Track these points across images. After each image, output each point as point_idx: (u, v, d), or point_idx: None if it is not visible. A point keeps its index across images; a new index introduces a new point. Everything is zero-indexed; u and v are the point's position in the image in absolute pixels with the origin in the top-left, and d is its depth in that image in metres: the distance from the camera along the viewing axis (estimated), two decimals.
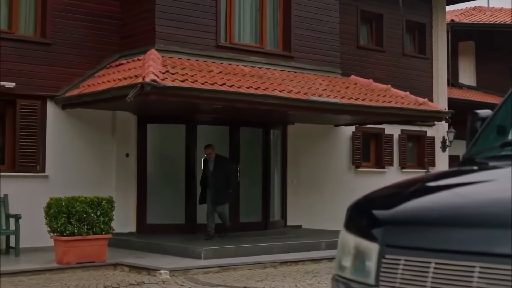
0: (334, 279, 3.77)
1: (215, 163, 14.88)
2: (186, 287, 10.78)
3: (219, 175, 14.77)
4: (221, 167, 14.85)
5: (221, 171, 14.81)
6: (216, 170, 14.83)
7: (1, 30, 14.64)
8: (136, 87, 12.51)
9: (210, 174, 14.89)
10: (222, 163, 14.96)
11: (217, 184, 14.78)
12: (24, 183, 14.56)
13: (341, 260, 3.72)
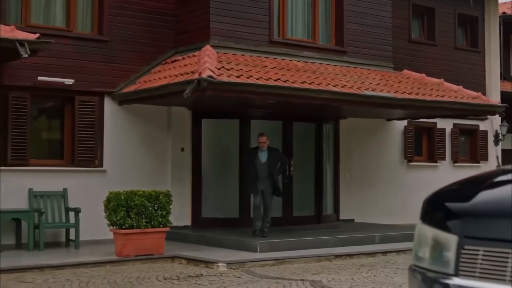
0: (411, 269, 3.89)
1: (268, 153, 14.42)
2: (244, 279, 10.94)
3: (273, 166, 14.38)
4: (274, 158, 14.46)
5: (274, 162, 14.44)
6: (269, 160, 14.36)
7: (60, 28, 14.98)
8: (193, 83, 12.72)
9: (261, 165, 14.35)
10: (275, 153, 14.60)
11: (270, 176, 14.33)
12: (83, 178, 14.89)
13: (418, 251, 3.84)
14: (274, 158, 14.47)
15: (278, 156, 14.70)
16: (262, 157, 14.38)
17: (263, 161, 14.35)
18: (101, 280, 10.79)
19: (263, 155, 14.39)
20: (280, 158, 14.74)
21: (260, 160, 14.37)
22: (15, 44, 11.89)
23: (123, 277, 11.02)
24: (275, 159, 14.50)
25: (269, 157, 14.39)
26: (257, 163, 14.36)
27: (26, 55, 11.91)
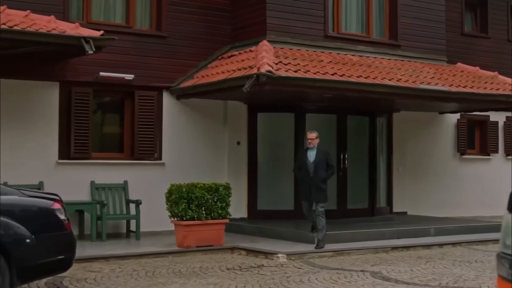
0: (499, 256, 4.08)
1: (317, 152, 13.37)
2: (304, 270, 11.17)
3: (321, 167, 13.25)
4: (323, 158, 13.33)
5: (323, 162, 13.31)
6: (317, 160, 13.27)
7: (120, 24, 15.34)
8: (251, 77, 12.98)
9: (309, 165, 13.31)
10: (324, 155, 13.39)
11: (318, 178, 13.18)
12: (142, 170, 15.25)
13: (505, 240, 4.03)
14: (323, 159, 13.33)
15: (328, 158, 13.46)
16: (310, 156, 13.37)
17: (311, 161, 13.33)
18: (166, 269, 11.12)
19: (311, 154, 13.39)
20: (329, 160, 13.49)
21: (308, 159, 13.38)
22: (80, 41, 12.27)
23: (186, 267, 11.33)
24: (324, 161, 13.34)
25: (316, 157, 13.30)
26: (306, 163, 13.37)
27: (91, 52, 12.28)
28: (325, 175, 13.25)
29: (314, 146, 13.38)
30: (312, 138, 13.43)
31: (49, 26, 12.46)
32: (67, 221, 8.31)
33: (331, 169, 13.43)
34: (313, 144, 13.39)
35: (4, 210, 7.72)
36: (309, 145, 13.42)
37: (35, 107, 14.23)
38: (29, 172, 13.87)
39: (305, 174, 13.32)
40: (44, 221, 8.06)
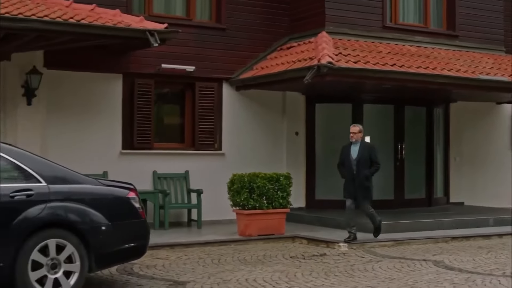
0: None
1: (360, 147, 12.65)
2: (367, 258, 11.33)
3: (364, 164, 12.55)
4: (366, 153, 12.59)
5: (366, 159, 12.57)
6: (360, 157, 12.55)
7: (180, 17, 15.61)
8: (312, 69, 13.16)
9: (352, 161, 12.63)
10: (368, 150, 12.68)
11: (362, 175, 12.54)
12: (203, 160, 15.52)
13: None
14: (367, 155, 12.57)
15: (372, 154, 12.66)
16: (353, 152, 12.66)
17: (354, 157, 12.60)
18: (231, 257, 11.37)
19: (354, 150, 12.67)
20: (373, 156, 12.65)
21: (351, 156, 12.66)
22: (145, 34, 12.55)
23: (251, 255, 11.57)
24: (367, 157, 12.58)
25: (360, 153, 12.57)
26: (349, 159, 12.67)
27: (156, 44, 12.55)
28: (369, 172, 12.55)
29: (357, 141, 12.66)
30: (355, 132, 12.70)
31: (114, 19, 12.76)
32: (141, 209, 8.59)
33: (375, 166, 12.60)
34: (355, 139, 12.67)
35: (84, 199, 8.03)
36: (352, 139, 12.68)
37: (100, 99, 14.58)
38: (93, 162, 14.21)
39: (348, 171, 12.65)
40: (120, 209, 8.34)
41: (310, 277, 9.56)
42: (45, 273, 7.69)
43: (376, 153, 12.73)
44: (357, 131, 12.66)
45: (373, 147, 12.87)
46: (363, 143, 12.74)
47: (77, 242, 7.86)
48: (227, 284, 9.03)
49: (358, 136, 12.64)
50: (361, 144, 12.65)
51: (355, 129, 12.71)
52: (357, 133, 12.65)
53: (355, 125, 12.87)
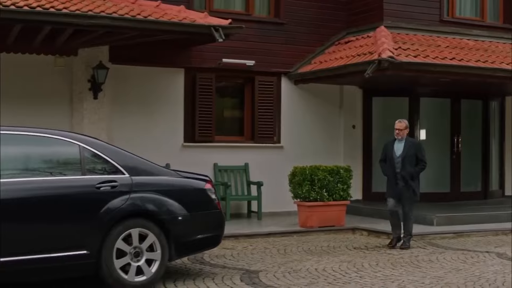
0: None
1: (405, 144, 11.66)
2: (429, 250, 11.51)
3: (409, 162, 11.59)
4: (412, 151, 11.62)
5: (412, 157, 11.60)
6: (405, 154, 11.58)
7: (240, 12, 15.89)
8: (373, 63, 13.35)
9: (395, 159, 11.68)
10: (414, 147, 11.73)
11: (407, 174, 11.58)
12: (262, 153, 15.80)
13: None
14: (412, 153, 11.63)
15: (418, 151, 11.70)
16: (397, 149, 11.71)
17: (398, 155, 11.67)
18: (295, 247, 11.65)
19: (399, 147, 11.71)
20: (419, 154, 11.68)
21: (395, 153, 11.73)
22: (210, 29, 12.82)
23: (315, 246, 11.83)
24: (413, 155, 11.63)
25: (405, 150, 11.62)
26: (392, 157, 11.74)
27: (221, 40, 12.83)
28: (414, 171, 11.59)
29: (403, 138, 11.71)
30: (400, 128, 11.73)
31: (179, 15, 13.07)
32: (217, 200, 8.89)
33: (421, 164, 11.63)
34: (401, 136, 11.71)
35: (164, 190, 8.36)
36: (397, 136, 11.71)
37: (162, 93, 14.93)
38: (156, 154, 14.45)
39: (391, 169, 11.73)
40: (198, 200, 8.65)
41: (378, 267, 9.79)
42: (129, 261, 8.04)
43: (423, 150, 11.78)
44: (403, 127, 11.72)
45: (419, 145, 12.00)
46: (408, 139, 11.82)
47: (158, 232, 8.19)
48: (298, 273, 9.30)
49: (404, 132, 11.71)
50: (406, 140, 11.71)
51: (401, 125, 11.74)
52: (403, 130, 11.72)
53: (401, 121, 11.83)
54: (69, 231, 7.73)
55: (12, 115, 13.07)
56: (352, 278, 9.00)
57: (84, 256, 7.75)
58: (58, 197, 7.71)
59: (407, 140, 11.76)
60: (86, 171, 8.05)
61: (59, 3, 12.30)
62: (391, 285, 8.59)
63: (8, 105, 13.28)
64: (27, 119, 12.92)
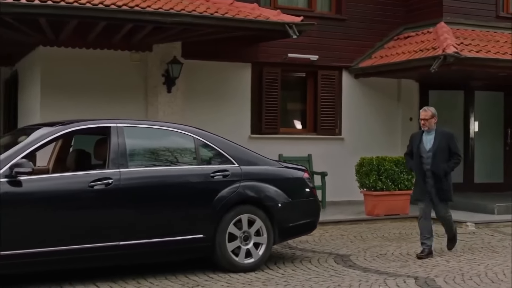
0: None
1: (436, 137, 10.05)
2: (498, 237, 12.09)
3: (442, 156, 9.98)
4: (444, 143, 10.01)
5: (444, 150, 10.00)
6: (437, 147, 9.99)
7: (303, 8, 16.50)
8: (438, 58, 13.93)
9: (426, 153, 10.05)
10: (446, 138, 10.07)
11: (440, 170, 9.99)
12: (324, 145, 16.42)
13: None
14: (444, 146, 10.01)
15: (451, 143, 10.09)
16: (426, 142, 10.10)
17: (428, 149, 10.06)
18: (370, 234, 12.29)
19: (428, 139, 10.11)
20: (453, 147, 10.08)
21: (424, 146, 10.10)
22: (284, 26, 13.44)
23: (388, 233, 12.46)
24: (446, 147, 10.02)
25: (435, 143, 10.02)
26: (420, 151, 10.11)
27: (295, 36, 13.46)
28: (448, 166, 10.03)
29: (431, 129, 10.12)
30: (426, 118, 10.11)
31: (254, 13, 13.69)
32: (314, 188, 9.53)
33: (455, 158, 10.05)
34: (427, 126, 10.11)
35: (268, 179, 9.03)
36: (423, 127, 10.13)
37: (230, 86, 15.59)
38: None
39: (419, 166, 10.11)
40: (298, 188, 9.32)
41: (458, 253, 10.39)
42: (239, 244, 8.71)
43: (457, 142, 10.29)
44: (429, 116, 10.09)
45: (452, 136, 10.20)
46: (439, 130, 10.15)
47: (264, 217, 8.86)
48: (385, 257, 9.93)
49: (431, 122, 10.09)
50: (436, 132, 10.09)
51: (426, 114, 10.11)
52: (429, 119, 10.09)
53: (426, 109, 10.24)
54: (188, 216, 8.41)
55: (93, 108, 13.85)
56: (439, 262, 9.61)
57: (201, 240, 8.43)
58: (179, 185, 8.40)
59: (437, 131, 10.10)
60: (201, 161, 8.73)
61: (141, 1, 12.99)
62: (477, 267, 9.19)
63: (88, 97, 14.03)
64: (105, 111, 13.72)
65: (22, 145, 7.77)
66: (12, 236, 7.35)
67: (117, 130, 8.22)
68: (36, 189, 7.57)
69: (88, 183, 7.80)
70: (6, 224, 7.31)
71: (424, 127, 10.13)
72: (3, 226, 7.29)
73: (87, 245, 7.76)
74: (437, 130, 10.15)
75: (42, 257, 7.54)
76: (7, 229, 7.32)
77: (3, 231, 7.27)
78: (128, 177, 8.03)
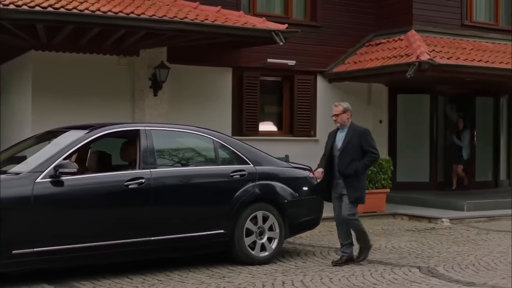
0: None
1: (348, 133, 9.47)
2: (473, 231, 13.01)
3: (353, 154, 9.35)
4: (355, 140, 9.41)
5: (355, 148, 9.38)
6: (346, 145, 9.41)
7: (279, 15, 17.22)
8: (414, 65, 14.83)
9: (335, 151, 9.54)
10: (358, 133, 9.49)
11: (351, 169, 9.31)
12: (300, 146, 17.14)
13: None
14: (356, 143, 9.36)
15: (364, 140, 9.43)
16: (339, 140, 9.51)
17: (339, 147, 9.47)
18: None
19: (340, 137, 9.52)
20: (365, 143, 9.42)
21: (336, 144, 9.54)
22: (271, 33, 14.14)
23: (371, 229, 13.23)
24: (357, 144, 9.35)
25: (345, 140, 9.40)
26: (333, 150, 9.55)
27: (282, 43, 14.18)
28: (359, 165, 9.30)
29: (344, 125, 9.50)
30: (337, 113, 9.48)
31: (240, 20, 14.35)
32: None
33: (369, 155, 9.37)
34: (340, 122, 9.49)
35: (280, 178, 9.77)
36: (336, 123, 9.57)
37: (213, 90, 16.21)
38: None
39: (329, 165, 9.49)
40: (305, 187, 10.03)
41: (445, 245, 11.25)
42: (255, 239, 9.39)
43: (370, 138, 9.51)
44: (340, 111, 9.46)
45: (364, 132, 9.51)
46: (352, 127, 9.50)
47: (277, 214, 9.57)
48: (381, 250, 10.74)
49: (343, 117, 9.47)
50: (349, 128, 9.47)
51: (337, 109, 9.48)
52: (340, 114, 9.47)
53: (337, 104, 9.63)
54: (211, 213, 9.07)
55: (82, 110, 14.34)
56: (431, 253, 10.43)
57: (222, 235, 9.09)
58: (203, 184, 9.06)
59: (349, 127, 9.46)
60: (221, 161, 9.38)
61: (134, 8, 13.53)
62: (468, 258, 10.04)
63: (78, 100, 14.51)
64: (94, 113, 14.23)
65: (62, 147, 8.31)
66: (54, 232, 7.89)
67: (145, 133, 8.82)
68: (78, 188, 8.13)
69: (124, 182, 8.38)
70: (50, 221, 7.85)
71: (336, 123, 9.51)
72: (48, 223, 7.82)
73: (121, 240, 8.35)
74: (350, 126, 9.46)
75: (80, 252, 8.11)
76: (51, 226, 7.86)
77: (47, 227, 7.81)
78: (158, 177, 8.64)
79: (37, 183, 7.84)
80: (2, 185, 7.62)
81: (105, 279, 8.39)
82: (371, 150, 9.38)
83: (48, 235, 7.85)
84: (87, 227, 8.15)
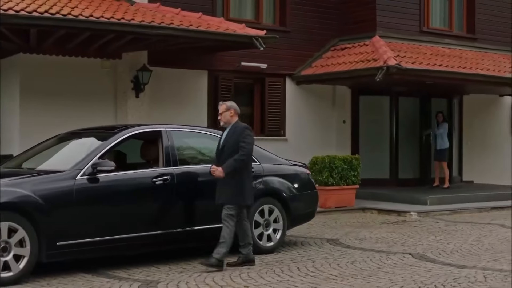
0: None
1: (229, 132, 9.37)
2: (442, 223, 14.12)
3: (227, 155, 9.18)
4: (234, 138, 9.26)
5: (233, 146, 9.21)
6: (225, 144, 9.31)
7: (250, 20, 18.05)
8: (382, 69, 15.89)
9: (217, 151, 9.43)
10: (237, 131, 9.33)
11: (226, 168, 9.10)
12: (271, 145, 17.81)
13: None
14: (234, 140, 9.24)
15: (240, 137, 9.23)
16: (221, 139, 9.47)
17: (221, 145, 9.38)
18: (335, 223, 14.11)
19: (223, 135, 9.49)
20: (240, 138, 9.22)
21: (219, 143, 9.46)
22: (251, 39, 15.00)
23: (349, 222, 14.28)
24: (235, 142, 9.22)
25: (224, 140, 9.35)
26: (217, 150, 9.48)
27: (262, 48, 15.06)
28: (226, 165, 9.10)
29: (228, 123, 9.45)
30: (221, 111, 9.48)
31: (222, 26, 15.16)
32: (315, 182, 11.22)
33: (240, 151, 9.15)
34: (223, 121, 9.47)
35: (283, 174, 10.69)
36: (220, 122, 9.57)
37: (189, 92, 16.99)
38: None
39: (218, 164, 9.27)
40: (305, 182, 10.99)
41: (422, 235, 12.31)
42: (262, 230, 10.27)
43: (247, 134, 9.29)
44: (224, 109, 9.43)
45: (243, 129, 9.33)
46: (234, 125, 9.41)
47: (281, 207, 10.48)
48: (368, 240, 11.72)
49: (226, 115, 9.43)
50: (231, 127, 9.40)
51: (221, 108, 9.46)
52: (223, 112, 9.43)
53: (221, 103, 9.61)
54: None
55: (66, 111, 14.98)
56: (415, 243, 11.47)
57: None
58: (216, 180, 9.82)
59: (232, 126, 9.40)
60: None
61: (122, 14, 14.20)
62: (449, 245, 11.11)
63: (64, 101, 15.11)
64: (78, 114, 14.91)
65: (95, 147, 9.05)
66: (92, 225, 8.65)
67: (167, 134, 9.61)
68: (111, 184, 8.88)
69: (152, 179, 9.17)
70: (88, 215, 8.60)
71: (221, 121, 9.50)
72: (87, 217, 8.57)
73: (149, 232, 9.14)
74: (233, 125, 9.39)
75: (115, 243, 8.86)
76: (89, 219, 8.61)
77: (87, 221, 8.55)
78: (180, 174, 9.45)
79: (78, 179, 8.56)
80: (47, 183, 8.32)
81: (135, 268, 9.14)
82: (243, 145, 9.14)
83: (87, 228, 8.58)
84: (120, 220, 8.90)
